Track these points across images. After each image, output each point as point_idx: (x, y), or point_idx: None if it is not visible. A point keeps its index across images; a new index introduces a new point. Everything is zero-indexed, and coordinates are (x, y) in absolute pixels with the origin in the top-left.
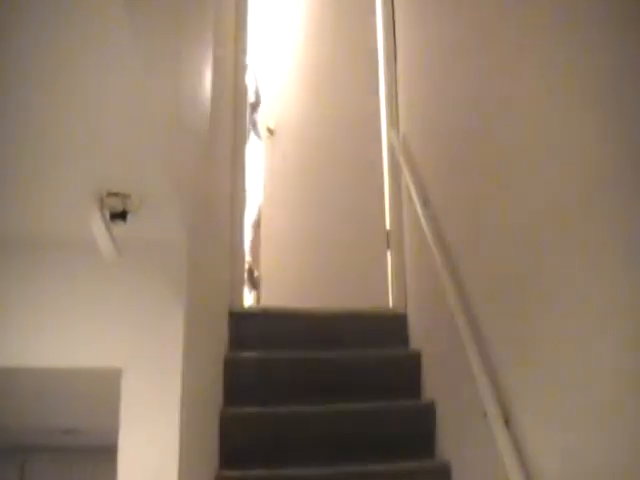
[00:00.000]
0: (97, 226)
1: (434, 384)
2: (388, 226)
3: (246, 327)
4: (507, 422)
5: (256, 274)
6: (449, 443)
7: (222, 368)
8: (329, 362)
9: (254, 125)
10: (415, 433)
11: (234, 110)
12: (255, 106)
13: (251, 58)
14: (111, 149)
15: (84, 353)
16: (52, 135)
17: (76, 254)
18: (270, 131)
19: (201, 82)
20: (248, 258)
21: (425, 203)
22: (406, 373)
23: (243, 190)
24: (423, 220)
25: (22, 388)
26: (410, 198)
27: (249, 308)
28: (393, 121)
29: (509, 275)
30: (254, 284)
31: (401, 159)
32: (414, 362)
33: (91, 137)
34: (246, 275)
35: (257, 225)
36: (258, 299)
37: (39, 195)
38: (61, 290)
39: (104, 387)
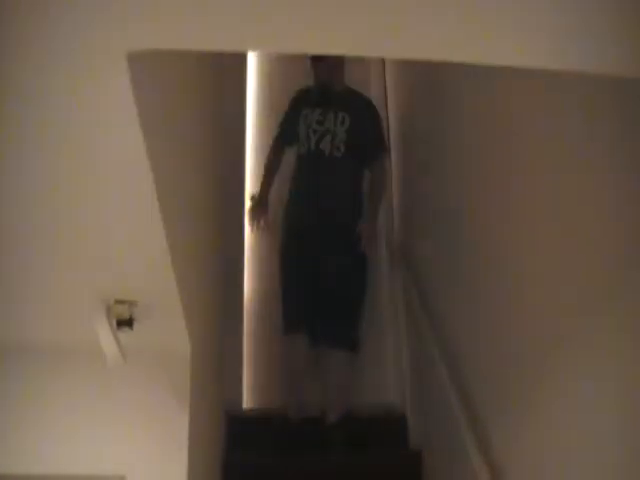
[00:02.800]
0: (104, 333)
1: None
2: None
3: (242, 428)
4: None
5: None
6: None
7: (220, 472)
8: (324, 467)
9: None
10: None
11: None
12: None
13: None
14: (117, 254)
15: (88, 460)
16: (57, 240)
17: (81, 361)
18: None
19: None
20: None
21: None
22: (405, 475)
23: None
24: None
25: None
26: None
27: (245, 410)
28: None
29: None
30: None
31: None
32: (414, 463)
33: (96, 241)
34: None
35: None
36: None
37: (43, 300)
38: (65, 396)
39: None
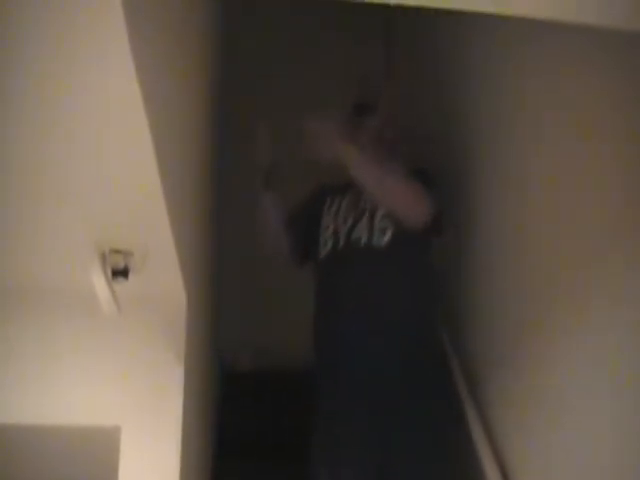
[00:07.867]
0: (99, 282)
1: None
2: None
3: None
4: None
5: None
6: None
7: (215, 423)
8: None
9: None
10: None
11: None
12: None
13: None
14: (113, 202)
15: (82, 410)
16: (53, 186)
17: (76, 311)
18: None
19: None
20: None
21: None
22: None
23: None
24: None
25: (18, 446)
26: None
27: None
28: None
29: None
30: None
31: None
32: None
33: (92, 189)
34: None
35: None
36: None
37: (39, 248)
38: (60, 346)
39: (102, 445)
